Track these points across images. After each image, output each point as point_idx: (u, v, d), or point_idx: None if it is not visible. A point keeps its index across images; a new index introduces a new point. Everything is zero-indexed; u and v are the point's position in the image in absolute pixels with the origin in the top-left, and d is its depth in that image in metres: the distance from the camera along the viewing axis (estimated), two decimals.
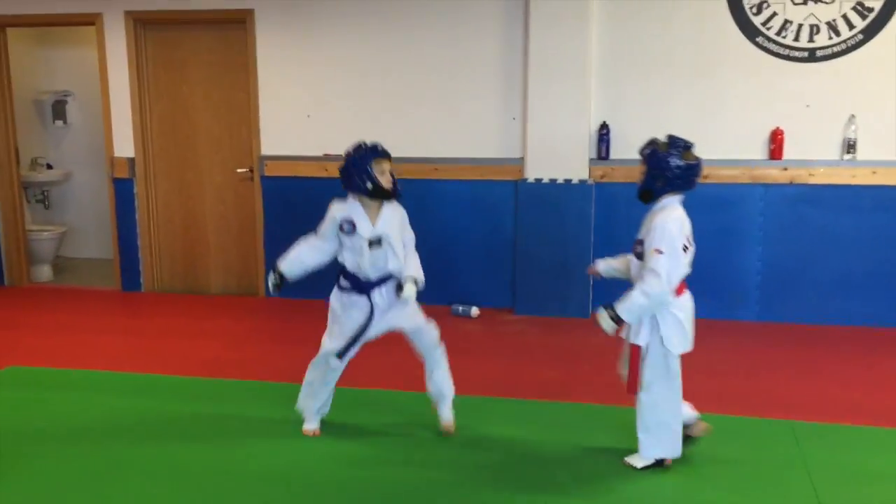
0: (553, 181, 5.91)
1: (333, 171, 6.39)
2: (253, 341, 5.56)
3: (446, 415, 3.91)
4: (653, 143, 3.34)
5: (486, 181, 6.14)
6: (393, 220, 3.75)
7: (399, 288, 3.73)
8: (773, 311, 5.79)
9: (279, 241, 6.60)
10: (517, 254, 6.07)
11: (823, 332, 5.56)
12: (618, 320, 3.25)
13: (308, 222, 6.47)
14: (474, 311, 6.05)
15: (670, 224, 3.20)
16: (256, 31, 6.32)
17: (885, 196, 5.55)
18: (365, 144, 3.70)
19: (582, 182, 5.88)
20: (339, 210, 3.76)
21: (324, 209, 6.47)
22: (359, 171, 3.63)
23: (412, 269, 3.83)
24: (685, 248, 3.21)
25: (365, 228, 3.68)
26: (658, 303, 3.21)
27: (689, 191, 3.31)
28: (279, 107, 6.42)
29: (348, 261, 3.76)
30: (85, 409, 4.22)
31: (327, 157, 6.37)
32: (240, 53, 6.42)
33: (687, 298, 3.35)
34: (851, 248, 5.63)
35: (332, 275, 6.41)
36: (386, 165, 3.67)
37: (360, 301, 3.74)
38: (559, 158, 5.89)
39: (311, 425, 3.93)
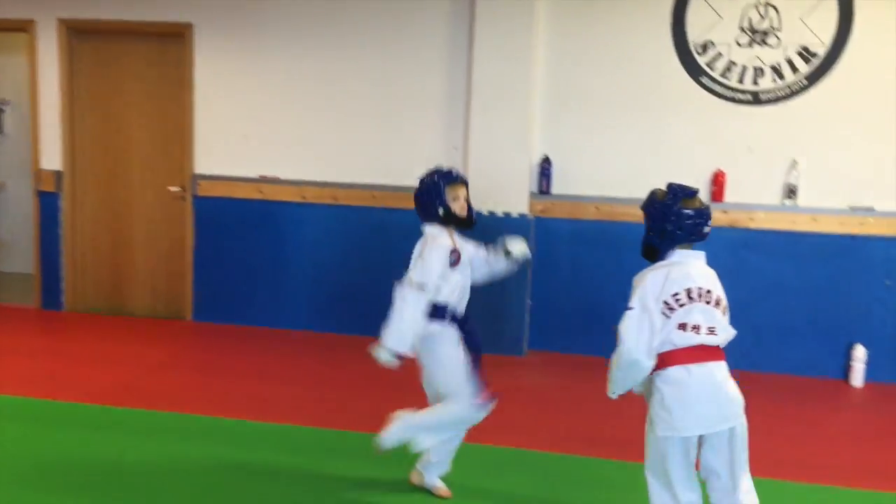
0: (492, 214, 5.76)
1: (269, 193, 6.28)
2: (172, 368, 5.30)
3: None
4: (651, 194, 2.96)
5: None
6: (467, 246, 3.55)
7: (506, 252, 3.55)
8: None
9: (209, 264, 6.44)
10: None
11: (759, 380, 5.44)
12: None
13: (241, 246, 6.33)
14: None
15: (643, 281, 2.82)
16: (195, 47, 6.13)
17: (825, 244, 5.48)
18: (439, 170, 3.50)
19: (521, 216, 5.74)
20: (445, 243, 3.41)
21: (258, 232, 6.37)
22: (432, 197, 3.41)
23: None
24: (670, 309, 2.73)
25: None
26: (628, 368, 2.75)
27: (699, 242, 2.88)
28: (215, 125, 6.21)
29: (448, 297, 3.40)
30: None
31: (263, 179, 6.17)
32: (177, 68, 6.21)
33: (680, 371, 2.72)
34: (790, 296, 5.55)
35: (263, 299, 6.27)
36: (460, 191, 3.45)
37: (451, 333, 3.41)
38: (499, 191, 5.75)
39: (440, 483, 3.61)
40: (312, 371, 5.32)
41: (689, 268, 2.80)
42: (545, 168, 5.76)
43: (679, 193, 2.87)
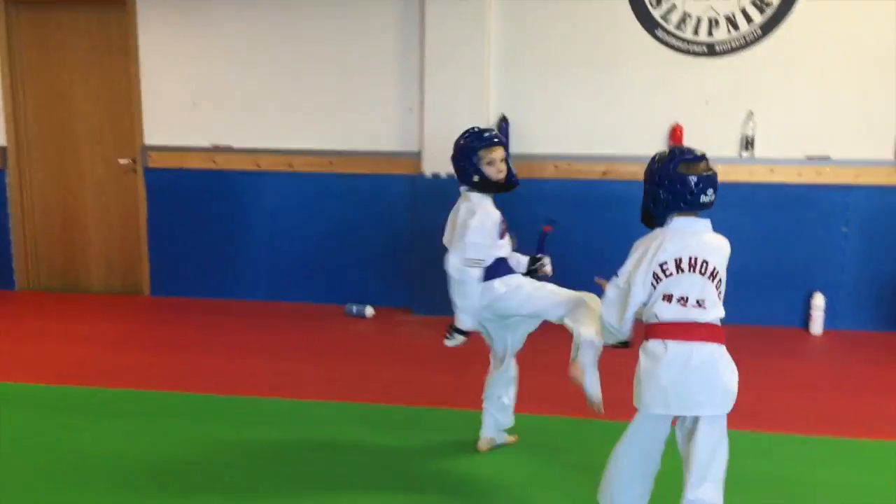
0: (451, 176, 5.63)
1: (222, 163, 6.14)
2: (130, 345, 5.19)
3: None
4: (652, 157, 2.75)
5: (382, 175, 5.89)
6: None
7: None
8: None
9: (164, 237, 6.30)
10: (414, 251, 5.83)
11: None
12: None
13: (196, 217, 6.20)
14: (369, 311, 5.80)
15: (636, 249, 2.70)
16: (137, 13, 5.93)
17: (782, 194, 5.50)
18: (472, 132, 3.36)
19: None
20: (493, 213, 3.34)
21: (213, 202, 6.25)
22: (464, 162, 3.32)
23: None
24: (657, 279, 2.59)
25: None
26: (608, 330, 2.79)
27: (700, 211, 2.63)
28: (163, 95, 6.04)
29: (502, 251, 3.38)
30: None
31: (215, 149, 6.03)
32: (120, 37, 6.02)
33: (657, 346, 2.57)
34: (749, 247, 5.54)
35: (221, 270, 6.15)
36: (496, 154, 3.29)
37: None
38: None
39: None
40: (275, 341, 5.24)
41: (687, 236, 2.60)
42: (502, 128, 5.69)
43: (677, 157, 2.63)
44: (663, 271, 2.58)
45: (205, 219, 6.15)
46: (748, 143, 5.47)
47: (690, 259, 2.56)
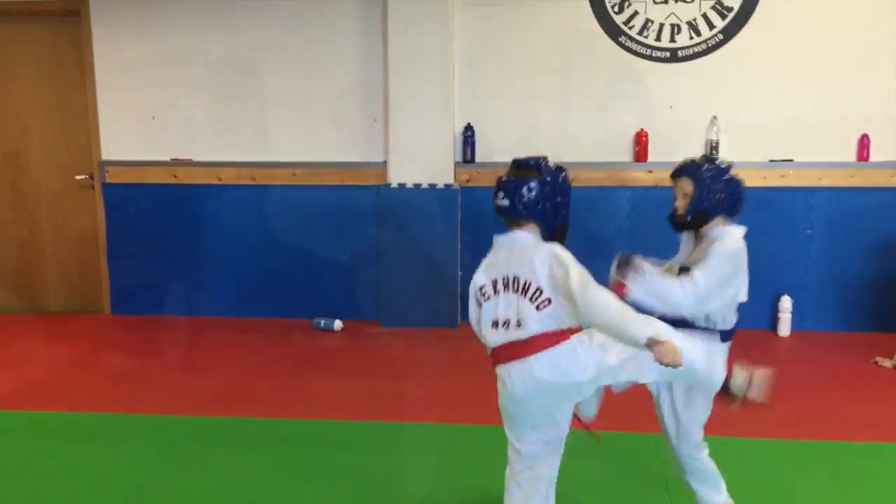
0: (417, 186, 5.64)
1: (183, 177, 6.01)
2: (92, 366, 5.05)
3: None
4: None
5: (348, 186, 5.81)
6: None
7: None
8: None
9: (125, 254, 6.15)
10: (381, 263, 5.76)
11: None
12: None
13: (157, 233, 6.07)
14: (337, 324, 5.71)
15: None
16: (92, 25, 5.78)
17: (748, 198, 5.48)
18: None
19: (447, 186, 5.64)
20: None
21: (174, 218, 6.12)
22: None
23: None
24: (477, 304, 2.61)
25: None
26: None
27: (504, 217, 2.62)
28: (120, 107, 5.90)
29: None
30: None
31: (176, 162, 5.90)
32: (74, 49, 5.86)
33: (501, 371, 2.51)
34: None
35: (184, 287, 6.02)
36: None
37: None
38: (423, 162, 5.63)
39: None
40: (242, 358, 5.14)
41: (503, 252, 2.51)
42: (468, 136, 5.66)
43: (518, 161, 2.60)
44: (483, 295, 2.50)
45: (166, 234, 6.02)
46: (713, 148, 5.49)
47: (504, 278, 2.45)
